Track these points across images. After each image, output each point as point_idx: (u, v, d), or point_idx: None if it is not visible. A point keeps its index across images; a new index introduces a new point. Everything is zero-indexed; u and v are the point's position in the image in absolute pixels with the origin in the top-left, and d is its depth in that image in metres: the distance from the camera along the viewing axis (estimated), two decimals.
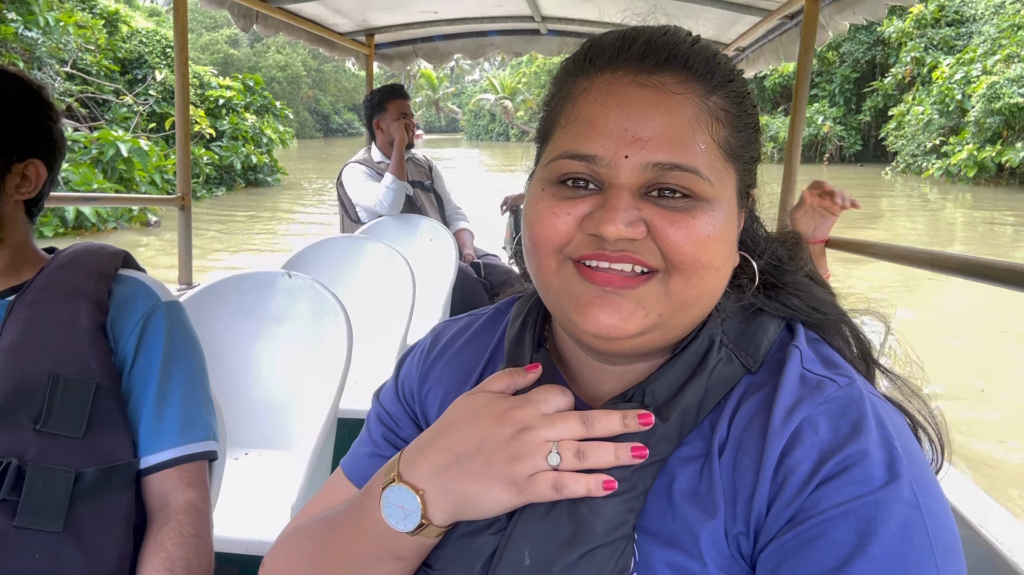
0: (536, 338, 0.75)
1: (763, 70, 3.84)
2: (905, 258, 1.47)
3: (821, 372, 0.63)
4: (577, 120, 0.63)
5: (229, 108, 19.28)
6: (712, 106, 0.62)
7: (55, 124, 1.19)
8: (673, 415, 0.63)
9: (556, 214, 0.62)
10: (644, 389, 0.64)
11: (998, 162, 18.53)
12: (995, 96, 18.74)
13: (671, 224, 0.60)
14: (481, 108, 62.33)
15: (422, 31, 4.37)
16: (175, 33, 2.65)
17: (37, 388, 1.04)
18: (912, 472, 0.56)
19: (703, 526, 0.59)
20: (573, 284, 0.62)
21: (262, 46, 51.66)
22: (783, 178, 2.50)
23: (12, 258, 1.16)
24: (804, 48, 2.38)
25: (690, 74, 0.62)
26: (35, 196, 1.19)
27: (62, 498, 1.01)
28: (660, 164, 0.59)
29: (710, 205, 0.61)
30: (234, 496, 1.82)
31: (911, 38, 24.86)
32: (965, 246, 12.48)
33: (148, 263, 8.36)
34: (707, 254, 0.60)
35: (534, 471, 0.60)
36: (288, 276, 2.19)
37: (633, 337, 0.61)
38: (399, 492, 0.64)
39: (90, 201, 3.07)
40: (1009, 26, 20.65)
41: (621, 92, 0.61)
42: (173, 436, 1.16)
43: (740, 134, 0.65)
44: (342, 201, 3.86)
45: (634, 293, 0.60)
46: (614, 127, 0.60)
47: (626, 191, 0.60)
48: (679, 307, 0.62)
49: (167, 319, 1.21)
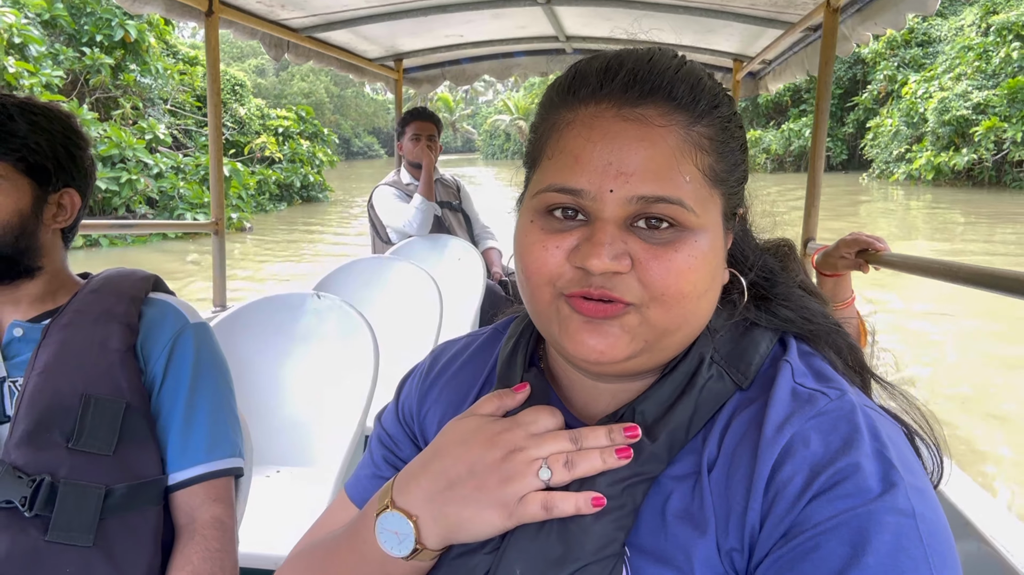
0: (528, 358, 0.76)
1: (790, 82, 3.81)
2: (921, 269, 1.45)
3: (812, 386, 0.63)
4: (563, 152, 0.63)
5: (287, 135, 22.35)
6: (696, 135, 0.63)
7: (85, 152, 1.24)
8: (662, 434, 0.63)
9: (546, 247, 0.63)
10: (634, 409, 0.65)
11: (951, 166, 22.02)
12: (945, 109, 22.05)
13: (654, 258, 0.60)
14: (496, 128, 64.85)
15: (449, 54, 4.45)
16: (208, 64, 2.75)
17: (70, 408, 1.09)
18: (908, 482, 0.55)
19: (695, 543, 0.59)
20: (563, 311, 0.63)
21: (287, 74, 53.42)
22: (807, 186, 2.48)
23: (49, 283, 1.22)
24: (824, 60, 2.36)
25: (673, 105, 0.62)
26: (71, 224, 1.24)
27: (93, 513, 1.05)
28: (644, 197, 0.60)
29: (694, 235, 0.62)
30: (265, 513, 1.86)
31: (884, 58, 28.24)
32: (927, 238, 14.27)
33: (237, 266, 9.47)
34: (687, 285, 0.61)
35: (525, 492, 0.61)
36: (317, 297, 2.25)
37: (622, 361, 0.62)
38: (393, 518, 0.65)
39: (127, 228, 3.18)
40: (961, 48, 23.58)
41: (605, 126, 0.62)
42: (200, 453, 1.20)
43: (725, 159, 0.65)
44: (373, 223, 3.93)
45: (618, 320, 0.61)
46: (598, 161, 0.61)
47: (611, 224, 0.60)
48: (662, 334, 0.62)
49: (195, 340, 1.25)
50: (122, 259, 12.73)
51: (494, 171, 40.11)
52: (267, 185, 20.29)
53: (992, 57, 22.18)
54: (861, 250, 1.71)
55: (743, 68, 4.08)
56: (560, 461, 0.61)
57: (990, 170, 21.49)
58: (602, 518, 0.61)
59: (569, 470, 0.61)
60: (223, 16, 2.83)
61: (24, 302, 1.19)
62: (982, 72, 22.19)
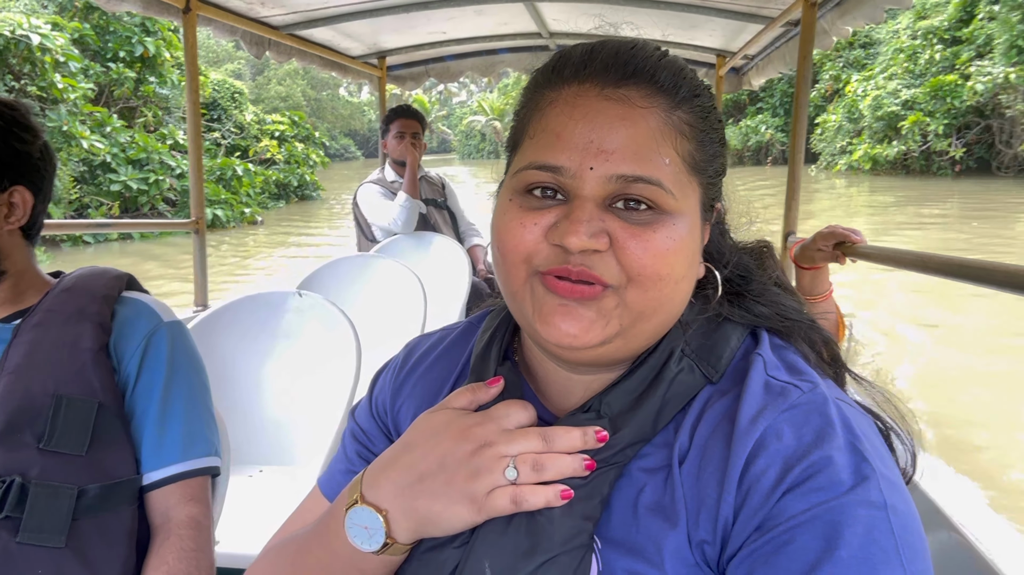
0: (503, 351, 0.76)
1: (772, 77, 3.83)
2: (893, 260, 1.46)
3: (785, 379, 0.63)
4: (544, 131, 0.64)
5: (283, 139, 24.82)
6: (677, 120, 0.63)
7: (33, 146, 1.18)
8: (628, 425, 0.63)
9: (523, 224, 0.63)
10: (601, 400, 0.65)
11: (884, 156, 25.04)
12: (878, 106, 24.75)
13: (632, 237, 0.60)
14: (472, 129, 67.00)
15: (433, 51, 4.44)
16: (186, 63, 2.73)
17: (41, 408, 1.08)
18: (880, 474, 0.56)
19: (666, 535, 0.60)
20: (537, 293, 0.63)
21: (263, 78, 54.19)
22: (788, 180, 2.50)
23: (15, 286, 1.19)
24: (803, 55, 2.37)
25: (655, 88, 0.63)
26: (29, 221, 1.19)
27: (65, 514, 1.04)
28: (624, 176, 0.60)
29: (672, 218, 0.62)
30: (248, 512, 1.85)
31: (831, 59, 30.21)
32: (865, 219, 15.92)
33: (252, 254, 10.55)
34: (665, 267, 0.61)
35: (493, 487, 0.61)
36: (299, 295, 2.24)
37: (595, 347, 0.62)
38: (362, 513, 0.64)
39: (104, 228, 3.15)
40: (895, 50, 26.11)
41: (587, 104, 0.62)
42: (175, 452, 1.18)
43: (705, 148, 0.65)
44: (358, 220, 3.92)
45: (594, 303, 0.61)
46: (580, 139, 0.61)
47: (590, 202, 0.60)
48: (638, 317, 0.62)
49: (169, 339, 1.24)
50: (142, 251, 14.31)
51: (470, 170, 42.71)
52: (267, 184, 22.56)
53: (919, 58, 24.78)
54: (838, 243, 1.72)
55: (726, 63, 4.10)
56: (528, 462, 0.61)
57: (919, 159, 24.36)
58: (569, 510, 0.61)
59: (536, 473, 0.61)
60: (201, 13, 2.80)
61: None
62: (910, 72, 24.94)
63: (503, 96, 57.46)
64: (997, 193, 19.49)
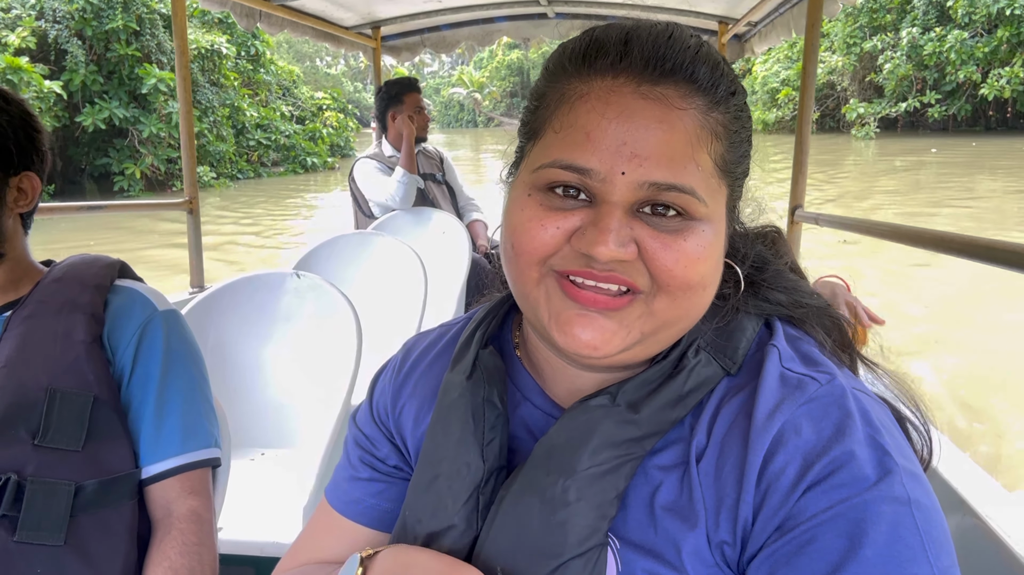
0: (486, 337, 0.74)
1: (775, 45, 3.74)
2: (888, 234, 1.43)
3: (801, 371, 0.61)
4: (573, 127, 0.59)
5: (329, 109, 31.39)
6: (712, 122, 0.59)
7: (41, 135, 1.19)
8: (645, 411, 0.61)
9: (544, 225, 0.59)
10: (619, 387, 0.63)
11: (767, 120, 34.33)
12: (765, 83, 34.57)
13: (663, 247, 0.57)
14: (452, 100, 74.94)
15: (428, 21, 4.34)
16: (175, 38, 2.64)
17: (35, 403, 1.05)
18: (903, 467, 0.54)
19: (684, 537, 0.58)
20: (555, 299, 0.60)
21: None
22: (795, 151, 2.43)
23: (12, 271, 1.17)
24: (811, 22, 2.30)
25: (694, 87, 0.58)
26: (31, 209, 1.19)
27: (63, 511, 1.02)
28: (657, 184, 0.56)
29: (701, 225, 0.59)
30: (250, 497, 1.84)
31: None
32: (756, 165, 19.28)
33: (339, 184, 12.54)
34: (696, 276, 0.58)
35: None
36: (296, 276, 2.20)
37: (614, 355, 0.60)
38: None
39: (96, 210, 3.09)
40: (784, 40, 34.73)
41: (622, 103, 0.57)
42: (174, 445, 1.16)
43: (735, 149, 0.62)
44: (355, 196, 3.86)
45: (617, 314, 0.58)
46: (612, 141, 0.57)
47: (619, 209, 0.57)
48: (662, 325, 0.60)
49: (164, 328, 1.21)
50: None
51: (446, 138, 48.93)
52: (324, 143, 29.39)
53: (795, 47, 31.07)
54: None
55: (728, 31, 4.01)
56: None
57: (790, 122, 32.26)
58: (585, 508, 0.59)
59: None
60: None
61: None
62: (789, 58, 33.58)
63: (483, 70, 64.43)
64: (835, 145, 28.32)
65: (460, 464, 0.65)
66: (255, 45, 25.06)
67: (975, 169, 18.98)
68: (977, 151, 23.17)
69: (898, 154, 23.96)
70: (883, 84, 30.04)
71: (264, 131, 24.29)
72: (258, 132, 24.02)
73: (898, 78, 29.02)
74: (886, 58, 29.29)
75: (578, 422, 0.62)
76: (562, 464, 0.60)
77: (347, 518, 0.80)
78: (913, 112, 29.62)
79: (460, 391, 0.69)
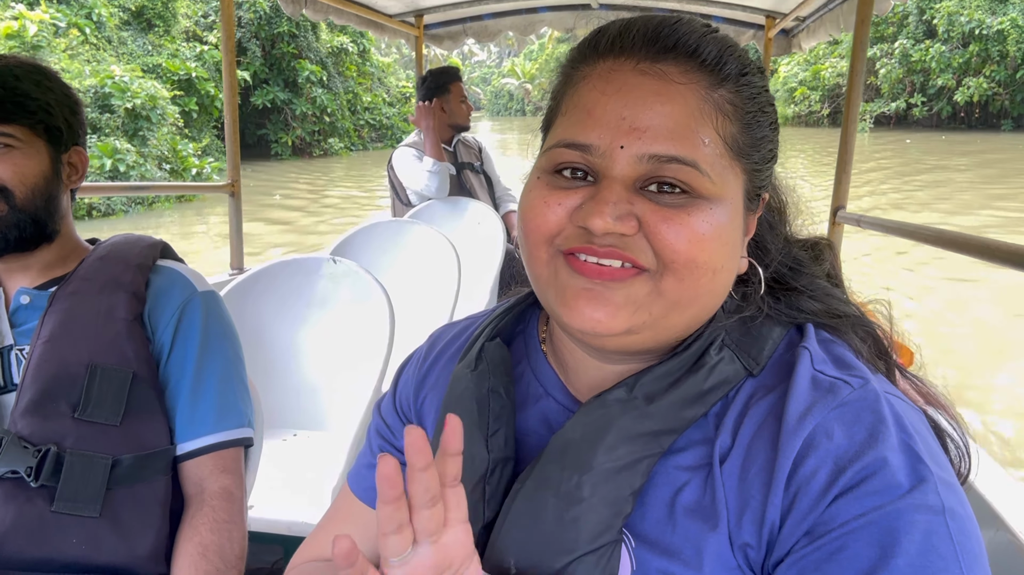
0: (495, 331, 0.74)
1: (823, 40, 3.66)
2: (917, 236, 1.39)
3: (833, 374, 0.59)
4: (576, 108, 0.60)
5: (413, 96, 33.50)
6: (719, 99, 0.58)
7: (82, 109, 1.23)
8: (663, 404, 0.60)
9: (548, 204, 0.60)
10: (637, 379, 0.62)
11: (786, 115, 38.90)
12: (784, 82, 39.51)
13: (664, 221, 0.56)
14: (502, 89, 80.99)
15: (471, 10, 4.33)
16: (223, 24, 2.68)
17: (76, 377, 1.08)
18: (937, 476, 0.53)
19: (705, 538, 0.57)
20: (562, 275, 0.60)
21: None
22: (839, 150, 2.36)
23: (62, 248, 1.21)
24: (861, 19, 2.23)
25: (696, 63, 0.58)
26: (79, 185, 1.23)
27: (99, 484, 1.05)
28: (657, 156, 0.56)
29: (709, 203, 0.57)
30: (282, 477, 1.87)
31: None
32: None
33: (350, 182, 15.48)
34: (702, 254, 0.57)
35: None
36: (333, 262, 2.22)
37: (620, 334, 0.59)
38: None
39: (140, 190, 3.16)
40: None
41: (621, 79, 0.58)
42: (208, 423, 1.18)
43: (751, 131, 0.61)
44: (393, 184, 3.88)
45: (623, 287, 0.58)
46: (611, 115, 0.57)
47: (619, 183, 0.57)
48: (672, 307, 0.59)
49: (203, 309, 1.23)
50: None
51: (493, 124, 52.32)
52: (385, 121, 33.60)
53: (814, 50, 36.01)
54: None
55: (776, 25, 3.92)
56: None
57: (807, 117, 39.31)
58: (599, 505, 0.58)
59: None
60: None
61: (35, 268, 1.18)
62: (807, 60, 38.18)
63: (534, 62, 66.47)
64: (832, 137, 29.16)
65: (465, 456, 0.66)
66: (363, 42, 29.77)
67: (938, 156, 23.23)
68: (945, 144, 27.37)
69: (886, 144, 28.72)
70: (880, 86, 36.11)
71: (370, 113, 30.13)
72: (366, 114, 29.85)
73: (892, 81, 35.18)
74: (883, 64, 35.13)
75: (594, 417, 0.61)
76: (577, 459, 0.60)
77: (367, 504, 0.81)
78: (903, 111, 35.72)
79: (466, 383, 0.69)
